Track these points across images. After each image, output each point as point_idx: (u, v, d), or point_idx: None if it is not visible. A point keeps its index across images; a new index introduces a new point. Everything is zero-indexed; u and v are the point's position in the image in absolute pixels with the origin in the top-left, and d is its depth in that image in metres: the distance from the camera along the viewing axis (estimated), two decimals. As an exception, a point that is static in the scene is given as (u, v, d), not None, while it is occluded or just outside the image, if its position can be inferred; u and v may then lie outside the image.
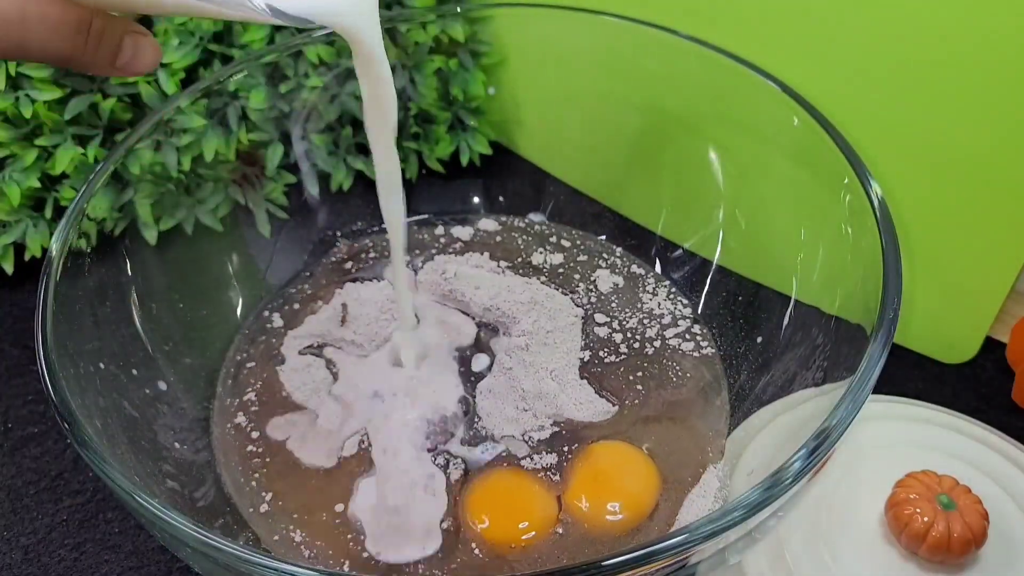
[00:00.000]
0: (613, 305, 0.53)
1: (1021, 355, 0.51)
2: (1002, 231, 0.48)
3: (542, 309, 0.51)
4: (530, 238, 0.58)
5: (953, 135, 0.47)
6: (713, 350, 0.51)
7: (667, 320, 0.52)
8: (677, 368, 0.50)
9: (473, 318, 0.52)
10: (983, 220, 0.49)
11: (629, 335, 0.51)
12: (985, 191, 0.48)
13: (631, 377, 0.49)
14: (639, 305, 0.53)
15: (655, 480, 0.45)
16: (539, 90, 0.59)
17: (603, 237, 0.58)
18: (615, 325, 0.52)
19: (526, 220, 0.59)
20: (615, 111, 0.56)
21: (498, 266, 0.55)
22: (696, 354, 0.50)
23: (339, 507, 0.44)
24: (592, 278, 0.55)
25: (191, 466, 0.45)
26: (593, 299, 0.53)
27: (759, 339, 0.49)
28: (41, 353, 0.37)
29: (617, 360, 0.50)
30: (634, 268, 0.56)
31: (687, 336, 0.51)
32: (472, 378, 0.49)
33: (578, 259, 0.56)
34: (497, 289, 0.52)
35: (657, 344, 0.51)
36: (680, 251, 0.55)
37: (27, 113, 0.50)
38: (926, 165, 0.49)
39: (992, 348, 0.53)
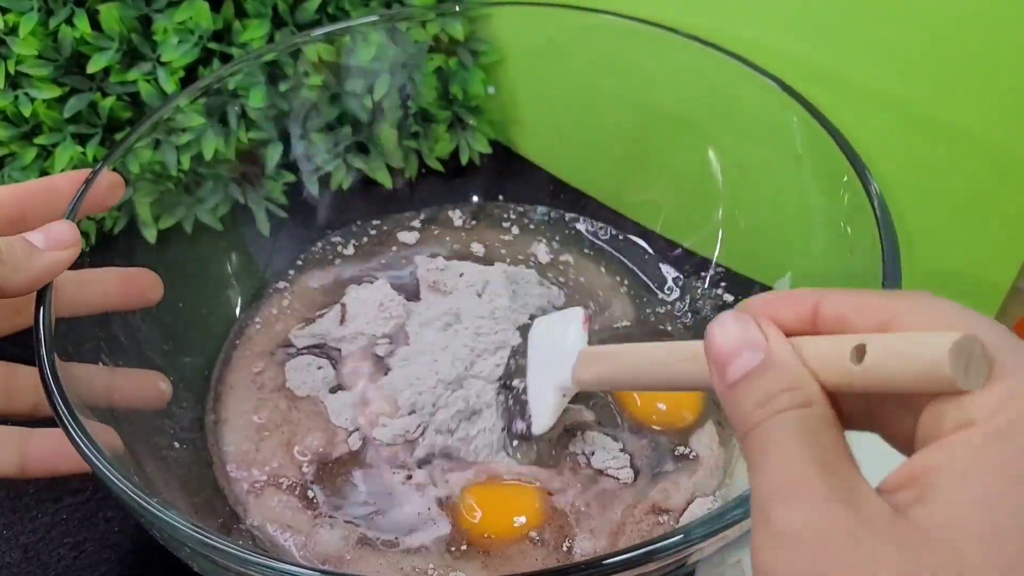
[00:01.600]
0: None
1: (1021, 354, 0.51)
2: (1002, 229, 0.48)
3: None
4: (530, 235, 0.58)
5: (953, 134, 0.47)
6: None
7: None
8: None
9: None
10: (983, 219, 0.49)
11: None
12: (985, 190, 0.48)
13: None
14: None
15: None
16: (539, 89, 0.59)
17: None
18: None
19: (527, 218, 0.59)
20: (615, 110, 0.56)
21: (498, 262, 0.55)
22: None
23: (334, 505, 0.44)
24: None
25: (190, 465, 0.45)
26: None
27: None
28: (41, 353, 0.37)
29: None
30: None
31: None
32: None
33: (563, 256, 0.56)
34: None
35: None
36: (680, 250, 0.55)
37: (26, 112, 0.50)
38: (926, 163, 0.49)
39: (992, 347, 0.53)
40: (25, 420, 0.41)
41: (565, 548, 0.43)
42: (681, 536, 0.32)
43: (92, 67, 0.50)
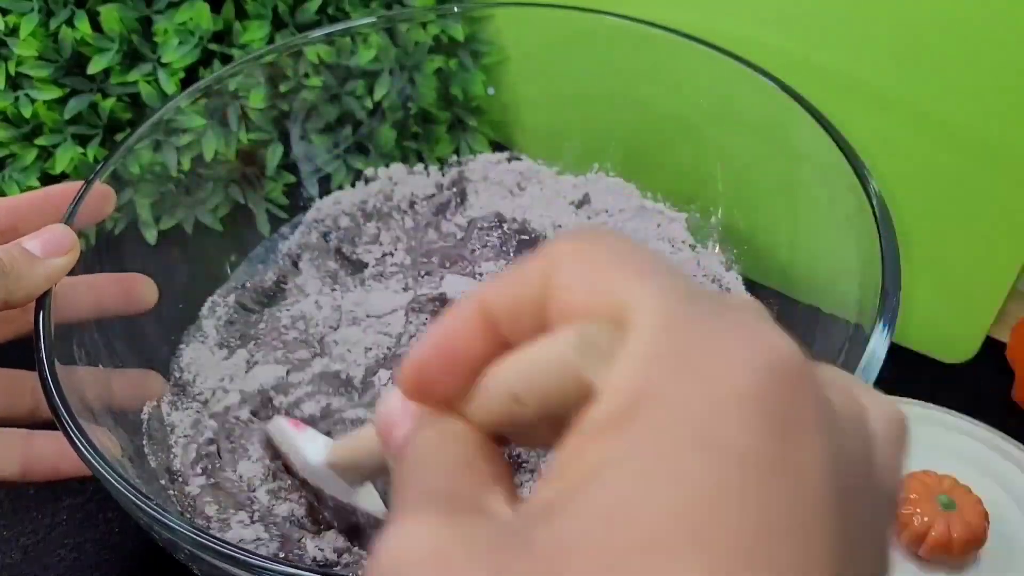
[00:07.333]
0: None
1: (1021, 355, 0.51)
2: (1002, 231, 0.48)
3: None
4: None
5: (953, 134, 0.47)
6: None
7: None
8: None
9: None
10: (982, 220, 0.49)
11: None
12: (985, 190, 0.48)
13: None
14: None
15: None
16: (539, 90, 0.59)
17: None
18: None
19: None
20: (615, 110, 0.56)
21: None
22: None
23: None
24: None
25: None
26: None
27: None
28: (41, 357, 0.37)
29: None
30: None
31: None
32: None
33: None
34: None
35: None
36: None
37: (27, 113, 0.50)
38: (926, 163, 0.49)
39: (992, 348, 0.53)
40: (24, 423, 0.41)
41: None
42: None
43: (92, 68, 0.50)
